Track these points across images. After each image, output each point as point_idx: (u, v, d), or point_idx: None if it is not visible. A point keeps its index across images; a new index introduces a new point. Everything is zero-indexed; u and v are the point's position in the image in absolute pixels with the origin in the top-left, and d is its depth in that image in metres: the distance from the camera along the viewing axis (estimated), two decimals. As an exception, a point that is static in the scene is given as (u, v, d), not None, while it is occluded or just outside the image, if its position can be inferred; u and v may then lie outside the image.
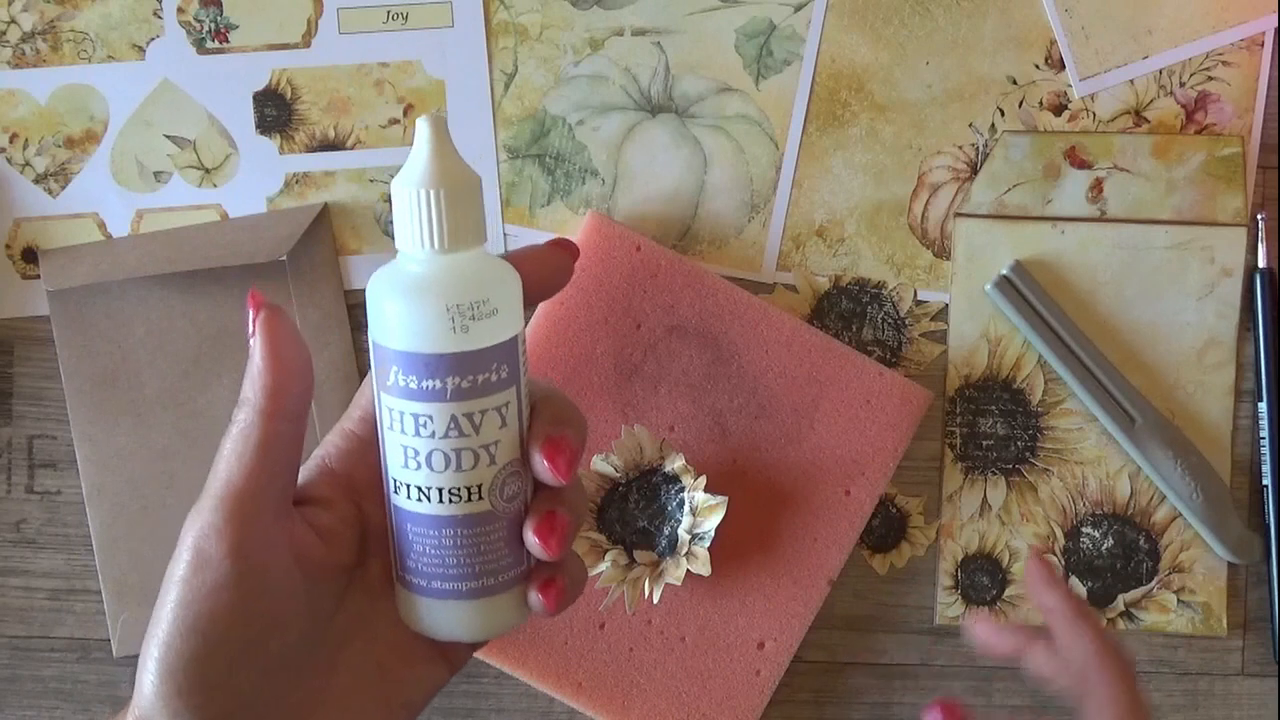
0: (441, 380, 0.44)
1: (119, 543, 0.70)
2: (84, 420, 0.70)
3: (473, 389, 0.44)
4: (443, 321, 0.44)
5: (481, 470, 0.45)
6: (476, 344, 0.44)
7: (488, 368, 0.44)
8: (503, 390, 0.45)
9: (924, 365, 0.70)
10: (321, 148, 0.70)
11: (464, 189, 0.44)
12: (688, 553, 0.67)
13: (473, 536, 0.45)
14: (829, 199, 0.70)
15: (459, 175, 0.44)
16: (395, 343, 0.44)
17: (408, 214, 0.44)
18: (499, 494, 0.45)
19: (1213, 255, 0.69)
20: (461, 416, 0.44)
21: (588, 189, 0.70)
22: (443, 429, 0.44)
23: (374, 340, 0.45)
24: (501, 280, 0.45)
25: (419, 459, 0.45)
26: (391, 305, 0.44)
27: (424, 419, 0.44)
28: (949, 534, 0.70)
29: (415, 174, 0.44)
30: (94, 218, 0.70)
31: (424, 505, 0.45)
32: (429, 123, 0.44)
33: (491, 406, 0.45)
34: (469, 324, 0.44)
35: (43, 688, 0.71)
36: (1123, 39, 0.69)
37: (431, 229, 0.44)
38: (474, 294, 0.44)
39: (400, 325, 0.44)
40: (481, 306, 0.44)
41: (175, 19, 0.69)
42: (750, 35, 0.70)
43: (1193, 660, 0.71)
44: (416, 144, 0.44)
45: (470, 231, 0.45)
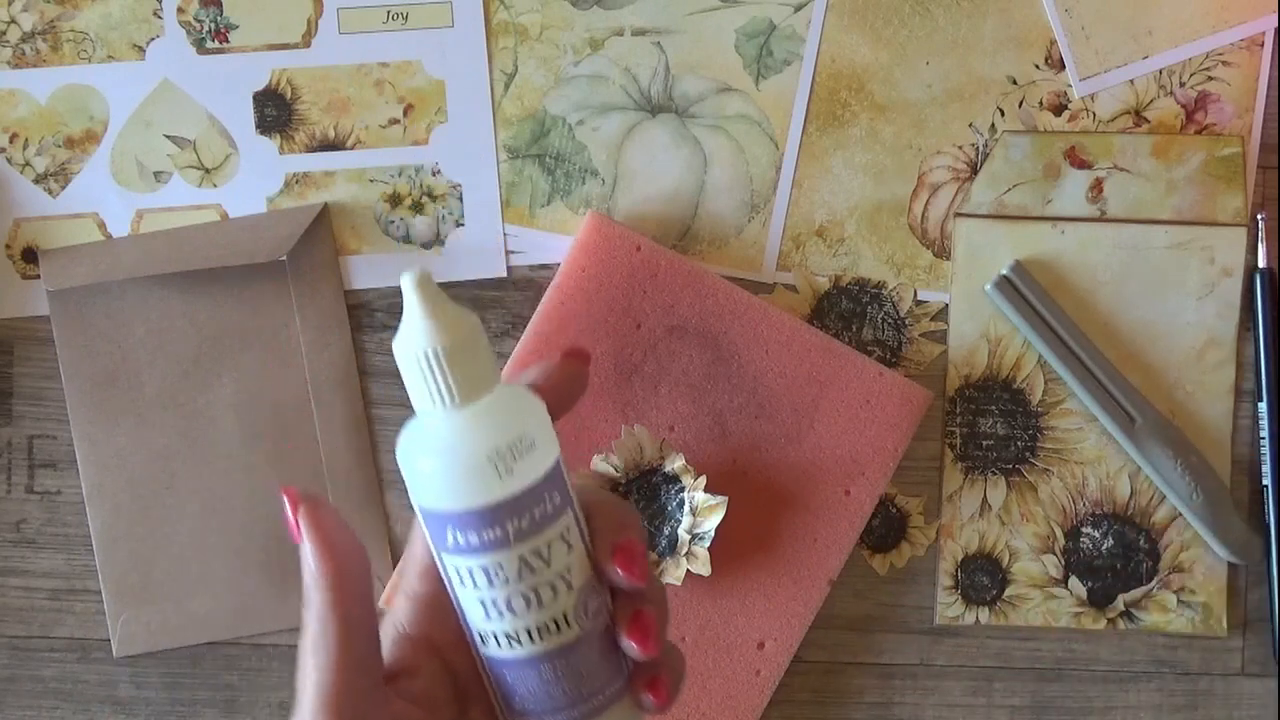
0: (501, 528, 0.43)
1: (119, 543, 0.70)
2: (84, 420, 0.70)
3: (533, 526, 0.44)
4: (487, 471, 0.43)
5: (562, 599, 0.44)
6: (525, 482, 0.43)
7: (541, 500, 0.44)
8: (560, 516, 0.44)
9: (924, 365, 0.70)
10: (321, 148, 0.70)
11: (465, 337, 0.43)
12: (688, 553, 0.67)
13: (570, 663, 0.45)
14: (829, 199, 0.70)
15: (457, 326, 0.43)
16: (445, 504, 0.43)
17: (417, 378, 0.43)
18: (584, 614, 0.45)
19: (1213, 255, 0.69)
20: (530, 555, 0.44)
21: (588, 189, 0.70)
22: (515, 573, 0.44)
23: (420, 506, 0.44)
24: (528, 412, 0.44)
25: (499, 607, 0.44)
26: (430, 468, 0.43)
27: (494, 569, 0.44)
28: (949, 534, 0.70)
29: (414, 336, 0.43)
30: (94, 218, 0.70)
31: (516, 649, 0.45)
32: (413, 281, 0.43)
33: (555, 536, 0.44)
34: (513, 466, 0.43)
35: (43, 688, 0.71)
36: (1123, 39, 0.69)
37: (446, 387, 0.43)
38: (509, 436, 0.43)
39: (445, 486, 0.43)
40: (520, 444, 0.43)
41: (175, 19, 0.69)
42: (750, 35, 0.70)
43: (1193, 660, 0.71)
44: (406, 305, 0.43)
45: (484, 376, 0.44)
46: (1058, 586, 0.70)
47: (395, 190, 0.70)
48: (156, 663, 0.71)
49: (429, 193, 0.70)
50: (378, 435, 0.71)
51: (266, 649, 0.71)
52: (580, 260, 0.69)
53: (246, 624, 0.70)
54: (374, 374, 0.71)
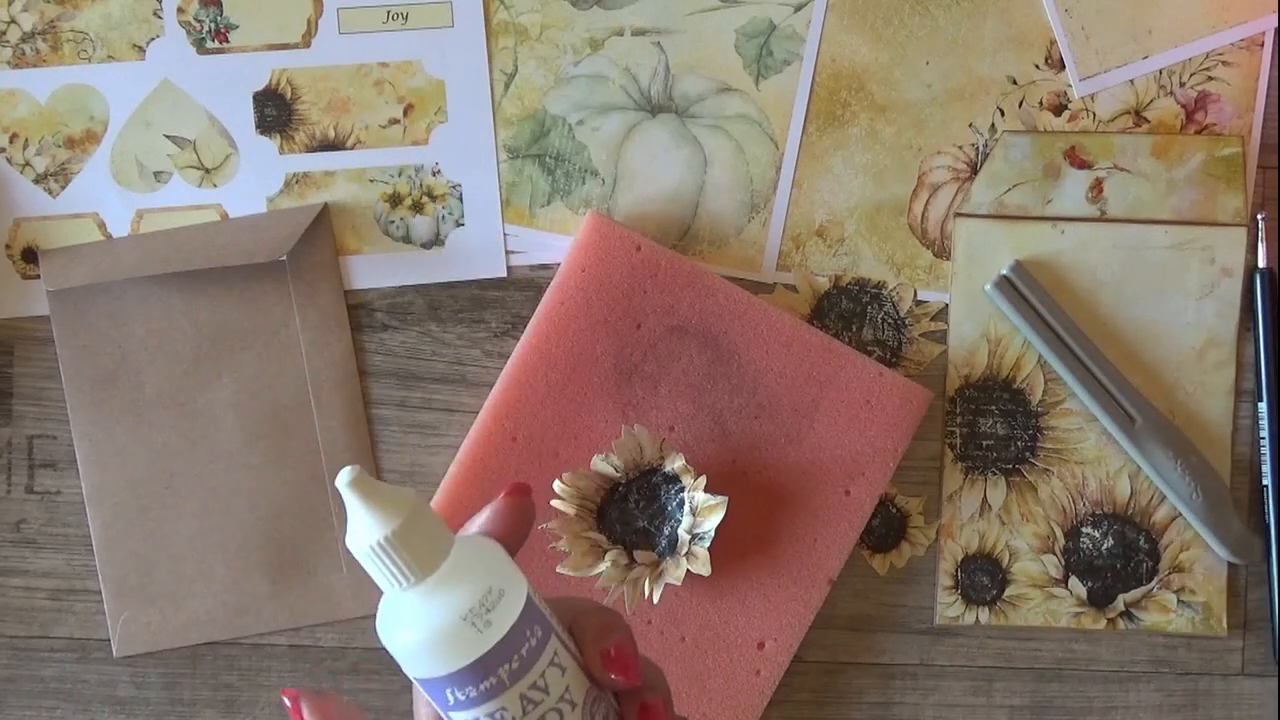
0: (494, 675, 0.45)
1: (119, 543, 0.70)
2: (84, 420, 0.70)
3: (523, 664, 0.46)
4: (465, 632, 0.45)
5: (570, 718, 0.46)
6: (504, 629, 0.45)
7: (524, 637, 0.46)
8: (546, 645, 0.46)
9: (924, 365, 0.70)
10: (321, 148, 0.70)
11: (408, 519, 0.45)
12: (688, 553, 0.67)
13: None
14: (829, 199, 0.70)
15: (397, 509, 0.45)
16: (435, 671, 0.45)
17: (375, 569, 0.45)
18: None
19: (1213, 255, 0.69)
20: (528, 690, 0.46)
21: (588, 189, 0.70)
22: (519, 711, 0.46)
23: (416, 678, 0.46)
24: (487, 560, 0.46)
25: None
26: (412, 641, 0.45)
27: (499, 713, 0.46)
28: (949, 534, 0.70)
29: (360, 532, 0.45)
30: (94, 218, 0.70)
31: None
32: (347, 482, 0.45)
33: (546, 664, 0.46)
34: (489, 618, 0.45)
35: (43, 688, 0.71)
36: (1123, 39, 0.69)
37: (402, 569, 0.45)
38: (478, 592, 0.45)
39: (430, 656, 0.45)
40: (489, 596, 0.45)
41: (175, 19, 0.69)
42: (750, 35, 0.70)
43: (1193, 660, 0.71)
44: (347, 504, 0.45)
45: (436, 546, 0.46)
46: (1058, 586, 0.70)
47: (395, 190, 0.70)
48: (156, 663, 0.71)
49: (429, 193, 0.70)
50: (378, 435, 0.71)
51: (266, 649, 0.71)
52: (580, 260, 0.69)
53: (246, 624, 0.70)
54: (374, 374, 0.71)
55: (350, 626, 0.71)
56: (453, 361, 0.71)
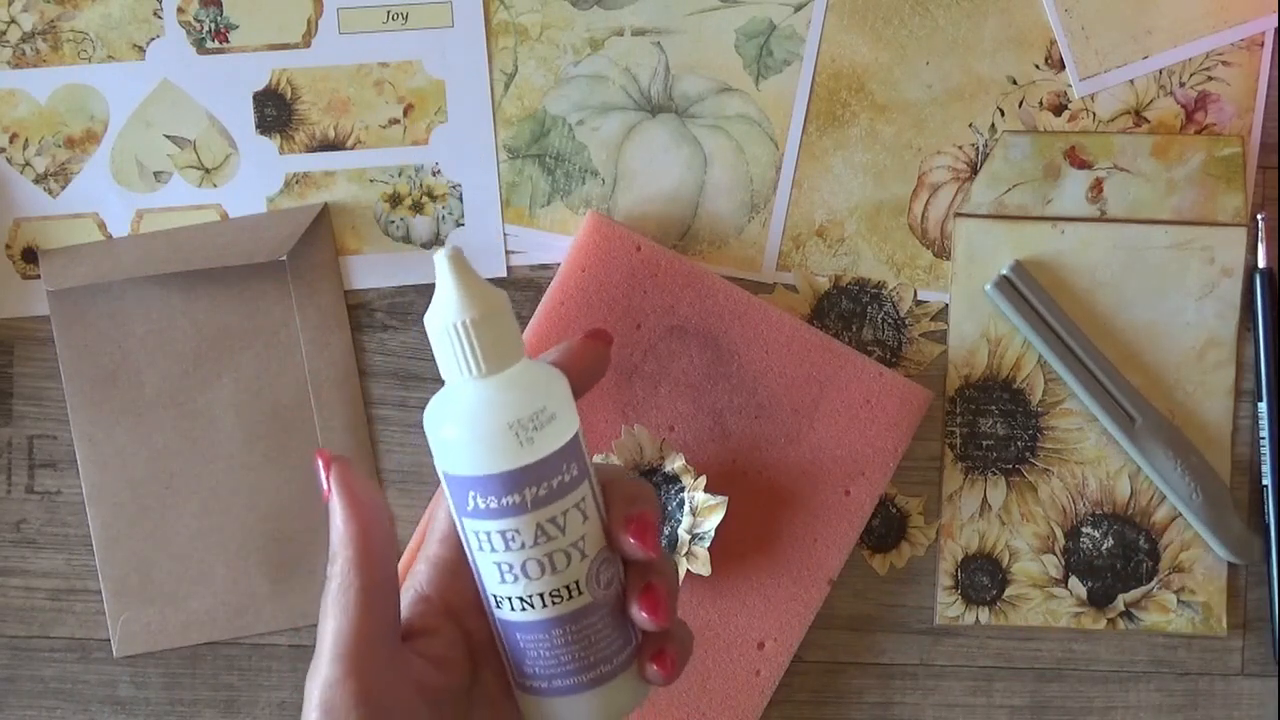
0: (520, 494, 0.45)
1: (119, 543, 0.70)
2: (84, 420, 0.70)
3: (550, 494, 0.46)
4: (508, 439, 0.45)
5: (575, 566, 0.46)
6: (544, 452, 0.45)
7: (559, 470, 0.46)
8: (577, 487, 0.46)
9: (924, 365, 0.70)
10: (321, 148, 0.70)
11: (493, 311, 0.46)
12: (688, 553, 0.67)
13: (581, 630, 0.47)
14: (829, 199, 0.70)
15: (485, 300, 0.46)
16: (466, 469, 0.45)
17: (446, 349, 0.45)
18: (596, 583, 0.47)
19: (1213, 255, 0.69)
20: (546, 522, 0.46)
21: (588, 189, 0.70)
22: (531, 538, 0.46)
23: (444, 471, 0.46)
24: (551, 385, 0.47)
25: (514, 571, 0.46)
26: (454, 435, 0.45)
27: (511, 533, 0.46)
28: (949, 534, 0.70)
29: (444, 309, 0.45)
30: (94, 218, 0.70)
31: (529, 613, 0.47)
32: (447, 259, 0.45)
33: (571, 505, 0.46)
34: (533, 435, 0.45)
35: (43, 688, 0.71)
36: (1123, 39, 0.69)
37: (473, 357, 0.45)
38: (531, 406, 0.45)
39: (467, 452, 0.45)
40: (541, 415, 0.45)
41: (175, 19, 0.69)
42: (750, 35, 0.70)
43: (1193, 660, 0.71)
44: (439, 279, 0.46)
45: (509, 349, 0.46)
46: (1058, 586, 0.70)
47: (395, 190, 0.70)
48: (156, 663, 0.71)
49: (429, 193, 0.70)
50: (378, 435, 0.71)
51: (266, 649, 0.71)
52: (580, 260, 0.69)
53: (246, 624, 0.70)
54: (374, 374, 0.71)
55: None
56: (453, 361, 0.71)
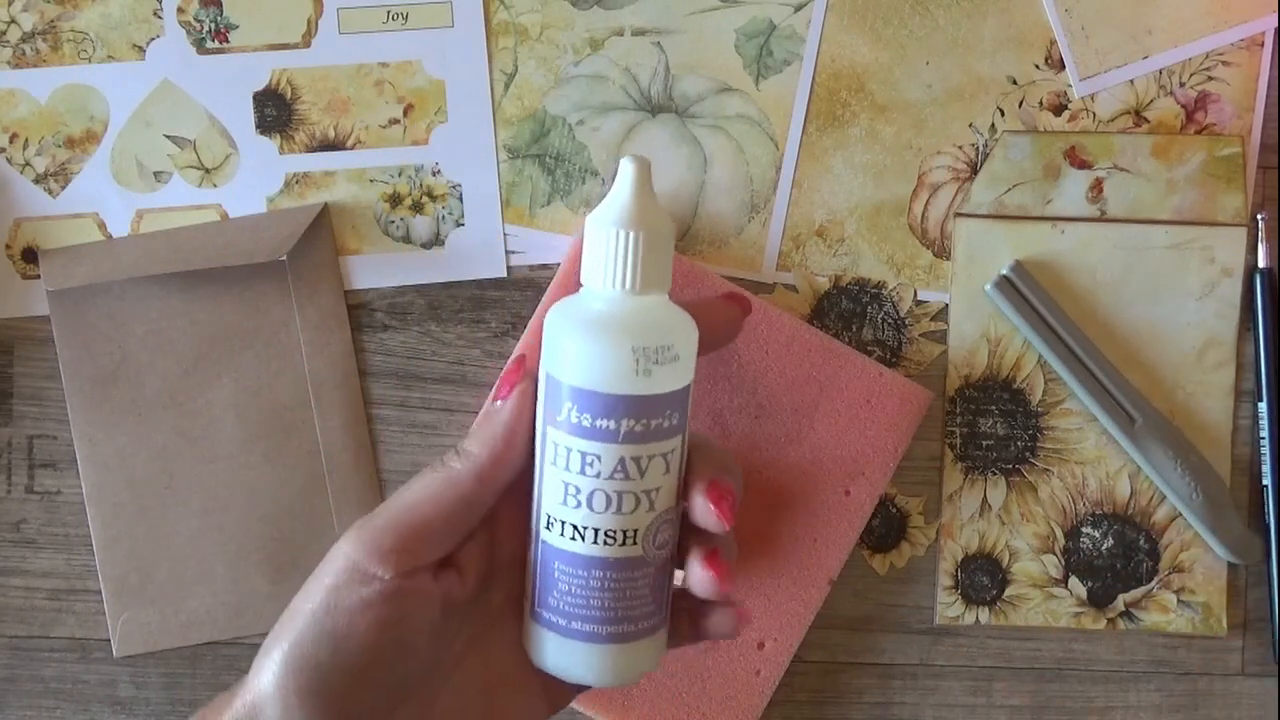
0: (616, 421, 0.44)
1: (119, 543, 0.70)
2: (84, 420, 0.70)
3: (645, 433, 0.44)
4: (627, 362, 0.43)
5: (640, 515, 0.45)
6: (655, 389, 0.44)
7: (661, 413, 0.44)
8: (671, 437, 0.45)
9: (924, 365, 0.70)
10: (321, 148, 0.70)
11: (661, 234, 0.44)
12: (687, 553, 0.67)
13: (620, 581, 0.45)
14: (829, 199, 0.70)
15: (658, 220, 0.44)
16: (573, 378, 0.44)
17: (603, 252, 0.44)
18: (651, 540, 0.45)
19: (1213, 255, 0.69)
20: (629, 459, 0.44)
21: (588, 189, 0.70)
22: (609, 470, 0.44)
23: (547, 372, 0.44)
24: (684, 328, 0.45)
25: (579, 497, 0.44)
26: (574, 341, 0.44)
27: (591, 458, 0.44)
28: (949, 534, 0.70)
29: (616, 213, 0.44)
30: (94, 218, 0.70)
31: (576, 544, 0.45)
32: (634, 164, 0.44)
33: (659, 452, 0.44)
34: (652, 368, 0.44)
35: (43, 688, 0.71)
36: (1123, 39, 0.69)
37: (626, 270, 0.44)
38: (660, 338, 0.44)
39: (581, 361, 0.43)
40: (666, 352, 0.44)
41: (175, 19, 0.69)
42: (750, 35, 0.70)
43: (1193, 660, 0.71)
44: (619, 183, 0.44)
45: (661, 277, 0.45)
46: (1058, 586, 0.70)
47: (395, 190, 0.70)
48: (156, 663, 0.71)
49: (429, 193, 0.70)
50: (378, 435, 0.71)
51: (266, 649, 0.71)
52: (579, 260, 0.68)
53: (246, 624, 0.70)
54: (374, 374, 0.71)
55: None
56: (453, 361, 0.71)
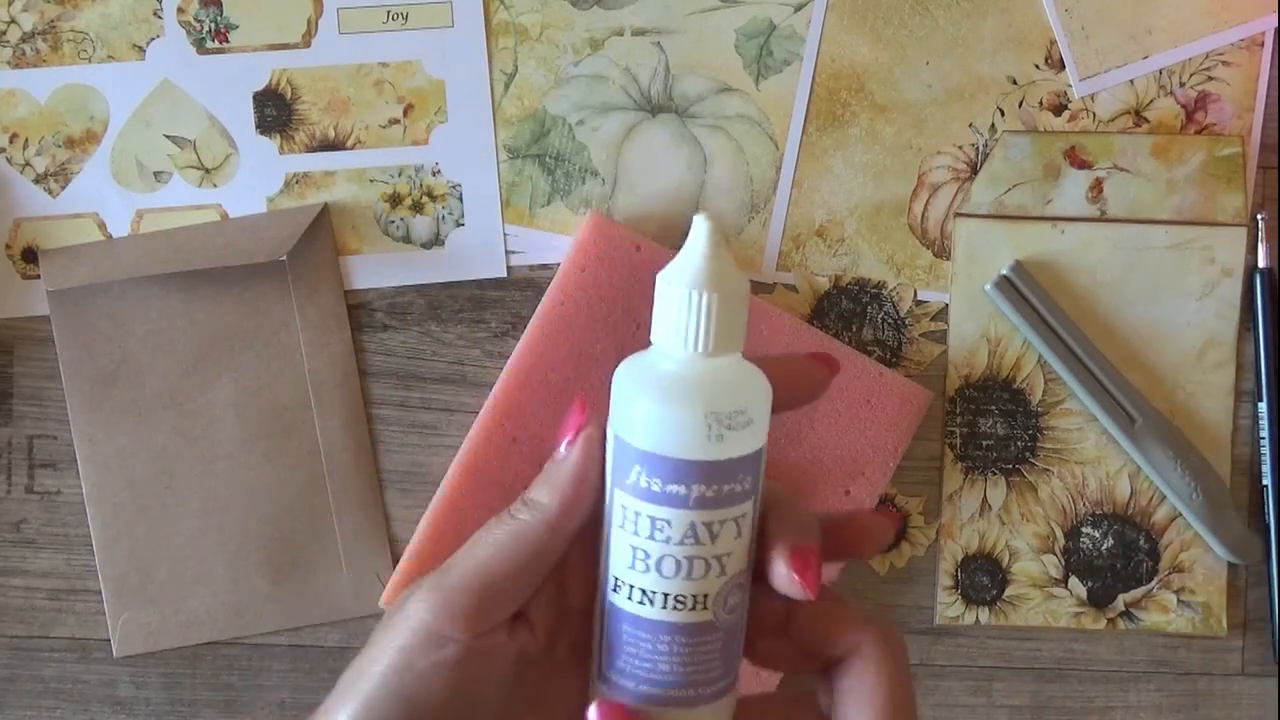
0: (687, 486, 0.43)
1: (119, 543, 0.70)
2: (84, 420, 0.70)
3: (716, 498, 0.43)
4: (699, 428, 0.42)
5: (710, 580, 0.44)
6: (728, 453, 0.43)
7: (734, 478, 0.43)
8: (744, 501, 0.44)
9: (924, 365, 0.70)
10: (321, 148, 0.70)
11: (736, 295, 0.43)
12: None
13: (689, 646, 0.44)
14: (829, 199, 0.70)
15: (732, 280, 0.43)
16: (643, 442, 0.43)
17: (676, 313, 0.43)
18: (722, 605, 0.44)
19: (1213, 255, 0.69)
20: (700, 525, 0.43)
21: (588, 189, 0.70)
22: (679, 535, 0.43)
23: (617, 434, 0.44)
24: (758, 390, 0.44)
25: (648, 562, 0.44)
26: (645, 403, 0.43)
27: (661, 523, 0.43)
28: (949, 534, 0.70)
29: (689, 274, 0.43)
30: (94, 218, 0.70)
31: (645, 609, 0.44)
32: (707, 223, 0.43)
33: (731, 517, 0.43)
34: (725, 433, 0.43)
35: (43, 688, 0.71)
36: (1123, 39, 0.69)
37: (699, 332, 0.43)
38: (734, 403, 0.43)
39: (652, 425, 0.43)
40: (739, 416, 0.43)
41: (175, 19, 0.69)
42: (750, 35, 0.70)
43: (1193, 660, 0.71)
44: (692, 242, 0.43)
45: (735, 338, 0.43)
46: (1058, 586, 0.70)
47: (395, 190, 0.70)
48: (156, 663, 0.71)
49: (429, 193, 0.70)
50: (378, 435, 0.71)
51: (266, 649, 0.71)
52: (580, 260, 0.69)
53: (246, 624, 0.70)
54: (374, 374, 0.71)
55: (351, 626, 0.70)
56: (453, 361, 0.71)
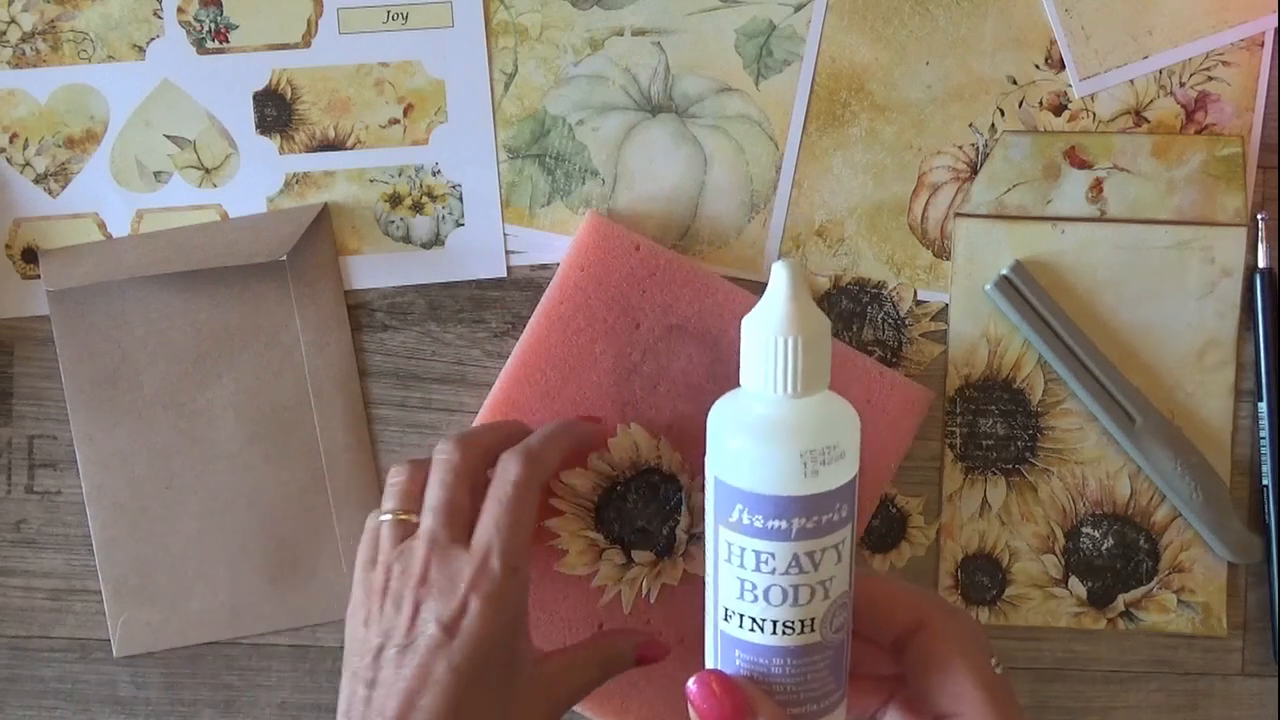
0: (788, 521, 0.45)
1: (119, 543, 0.70)
2: (84, 420, 0.70)
3: (816, 529, 0.45)
4: (795, 466, 0.44)
5: (816, 604, 0.46)
6: (823, 487, 0.45)
7: (831, 508, 0.45)
8: (842, 528, 0.46)
9: (924, 365, 0.70)
10: (321, 148, 0.70)
11: (819, 336, 0.45)
12: (685, 553, 0.67)
13: (800, 666, 0.46)
14: (829, 199, 0.70)
15: (815, 322, 0.45)
16: (743, 482, 0.45)
17: (763, 357, 0.45)
18: (829, 626, 0.46)
19: (1213, 255, 0.69)
20: (803, 555, 0.45)
21: (588, 189, 0.70)
22: (783, 566, 0.45)
23: (717, 476, 0.46)
24: (847, 423, 0.46)
25: (756, 592, 0.46)
26: (742, 445, 0.45)
27: (765, 556, 0.45)
28: (949, 534, 0.70)
29: (774, 319, 0.45)
30: (94, 218, 0.70)
31: (756, 635, 0.46)
32: (787, 269, 0.45)
33: (831, 544, 0.45)
34: (819, 469, 0.45)
35: (43, 688, 0.71)
36: (1123, 39, 0.69)
37: (787, 375, 0.45)
38: (826, 439, 0.45)
39: (751, 466, 0.45)
40: (831, 451, 0.45)
41: (175, 19, 0.69)
42: (750, 35, 0.70)
43: (1193, 660, 0.71)
44: (773, 288, 0.45)
45: (821, 376, 0.45)
46: (1058, 586, 0.70)
47: (395, 190, 0.70)
48: (156, 663, 0.71)
49: (429, 193, 0.70)
50: (378, 435, 0.71)
51: (266, 649, 0.71)
52: (579, 260, 0.69)
53: (246, 624, 0.70)
54: (374, 374, 0.71)
55: (350, 626, 0.70)
56: (453, 361, 0.71)
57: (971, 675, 0.48)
